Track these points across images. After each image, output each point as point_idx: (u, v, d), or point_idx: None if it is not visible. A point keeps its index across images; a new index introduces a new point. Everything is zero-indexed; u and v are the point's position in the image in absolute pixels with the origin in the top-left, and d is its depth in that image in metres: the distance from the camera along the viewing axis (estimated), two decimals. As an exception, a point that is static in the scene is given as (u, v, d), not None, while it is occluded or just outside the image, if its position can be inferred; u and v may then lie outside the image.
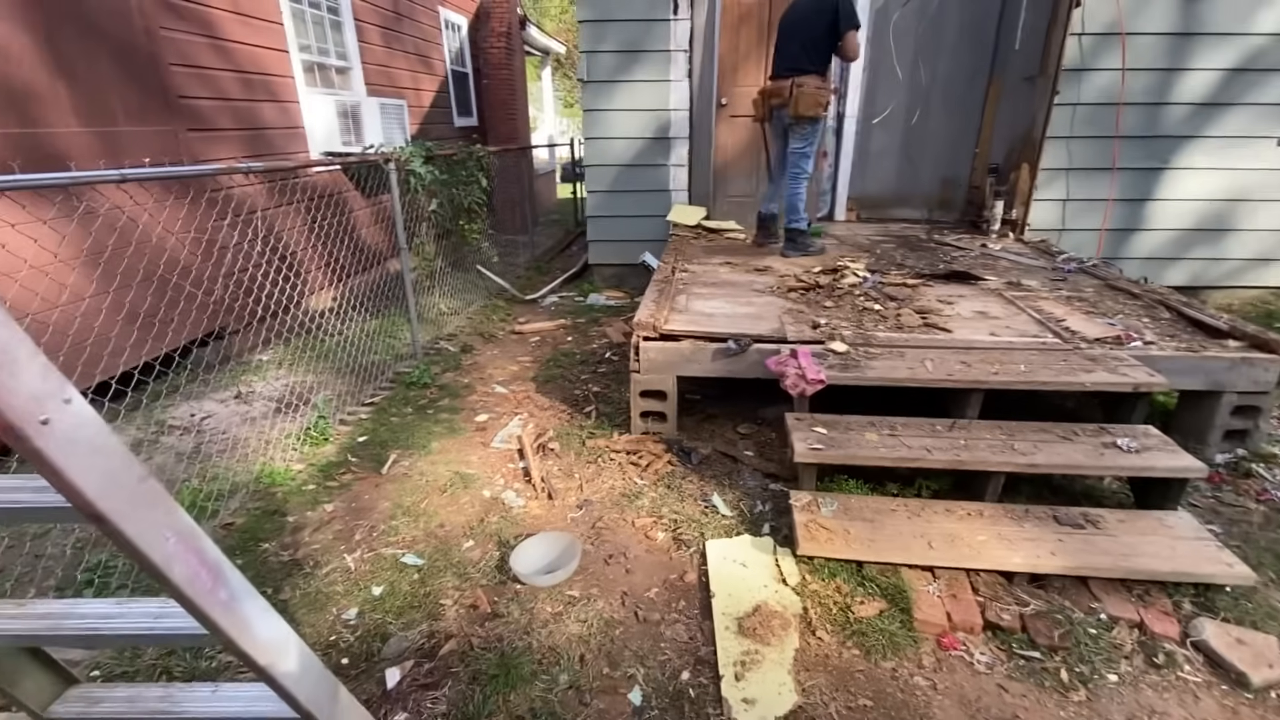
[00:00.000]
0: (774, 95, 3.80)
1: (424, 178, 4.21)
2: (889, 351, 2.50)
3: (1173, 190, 4.40)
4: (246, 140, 4.31)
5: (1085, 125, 4.29)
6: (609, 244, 5.56)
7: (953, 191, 5.27)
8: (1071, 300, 3.13)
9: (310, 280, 4.82)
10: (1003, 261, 3.92)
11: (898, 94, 4.95)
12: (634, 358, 2.73)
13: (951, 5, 4.70)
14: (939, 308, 3.01)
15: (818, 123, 3.77)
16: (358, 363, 3.69)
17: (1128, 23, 4.00)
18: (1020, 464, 2.05)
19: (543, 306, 5.38)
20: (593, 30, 4.95)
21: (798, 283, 3.33)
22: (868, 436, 2.20)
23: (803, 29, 3.61)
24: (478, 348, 4.30)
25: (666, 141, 5.18)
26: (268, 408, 3.55)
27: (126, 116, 3.50)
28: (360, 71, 5.72)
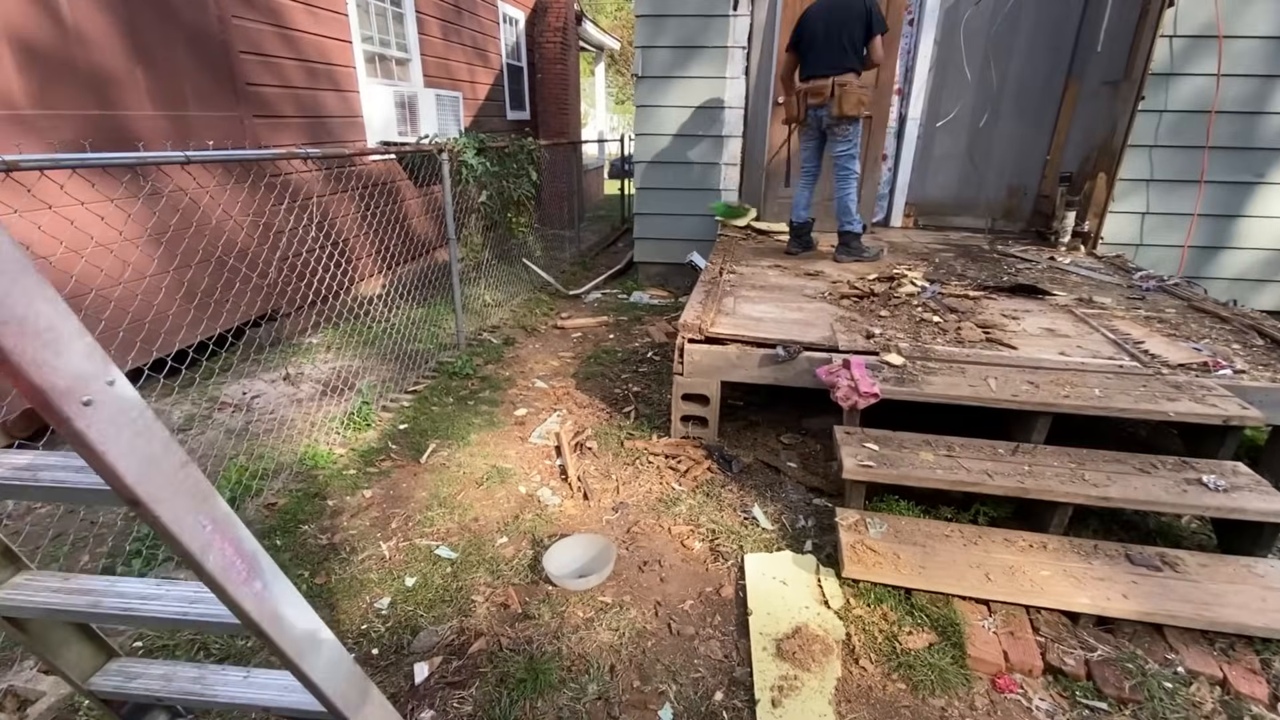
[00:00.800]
0: (813, 95, 3.70)
1: (475, 169, 4.23)
2: (948, 367, 2.37)
3: (1266, 207, 4.07)
4: (308, 128, 4.42)
5: (1171, 134, 4.00)
6: (655, 242, 5.50)
7: (1019, 200, 5.01)
8: (1151, 321, 2.92)
9: (360, 267, 4.92)
10: (1073, 276, 3.70)
11: (965, 96, 4.73)
12: (677, 359, 2.66)
13: (1029, 4, 4.46)
14: (1003, 323, 2.84)
15: (858, 123, 3.69)
16: (402, 350, 3.73)
17: (1226, 25, 3.71)
18: (1092, 496, 1.90)
19: (586, 302, 5.36)
20: (650, 25, 4.89)
21: (851, 290, 3.20)
22: (922, 456, 2.08)
23: (841, 30, 3.54)
24: (520, 341, 4.30)
25: (719, 140, 5.08)
26: (314, 390, 3.62)
27: (197, 101, 3.61)
28: (419, 63, 5.80)
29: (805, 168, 4.06)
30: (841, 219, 3.89)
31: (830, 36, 3.57)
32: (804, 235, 4.18)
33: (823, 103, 3.65)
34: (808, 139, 3.97)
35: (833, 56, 3.57)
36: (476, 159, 4.25)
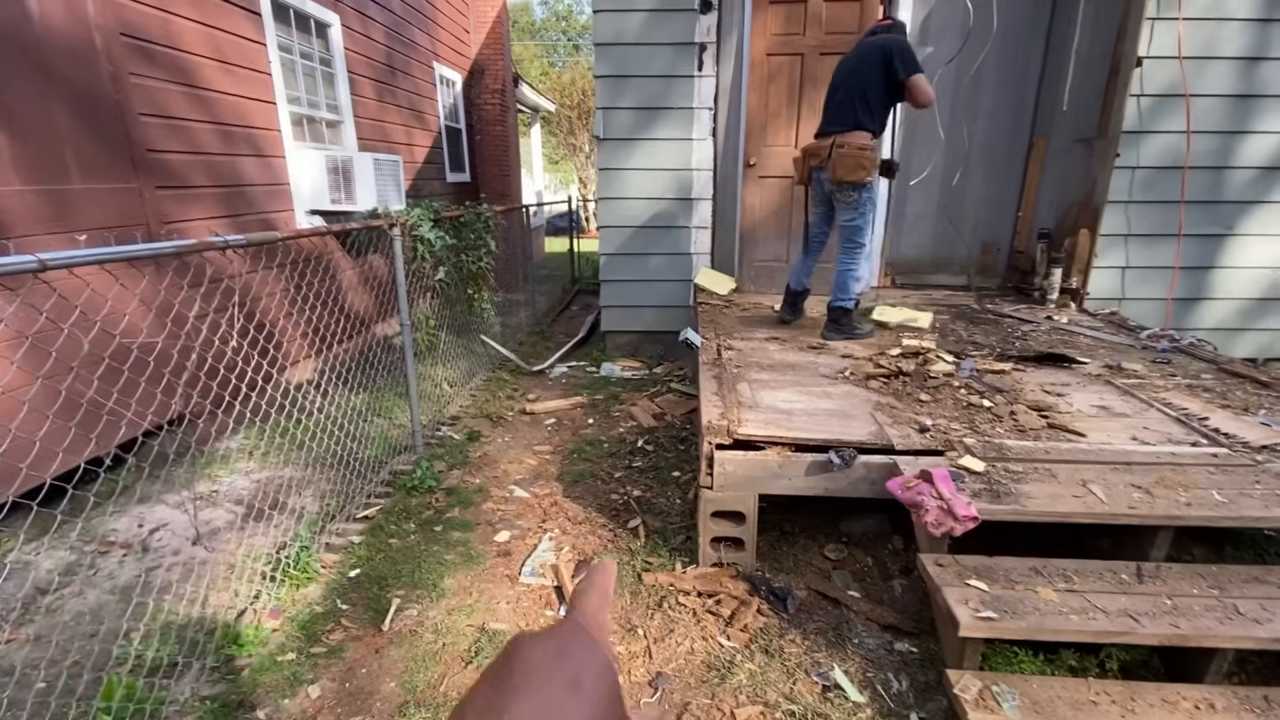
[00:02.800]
0: (813, 155, 3.34)
1: (433, 244, 3.72)
2: (1035, 470, 2.01)
3: (1240, 258, 4.11)
4: (224, 198, 3.80)
5: (1145, 189, 4.01)
6: (624, 310, 5.09)
7: (994, 256, 4.95)
8: (1196, 390, 2.70)
9: (290, 350, 4.24)
10: (1081, 338, 3.52)
11: (936, 155, 4.67)
12: (704, 471, 2.19)
13: (989, 66, 4.48)
14: (1052, 402, 2.55)
15: (864, 188, 3.24)
16: (347, 453, 3.08)
17: (1191, 84, 3.76)
18: (1261, 638, 1.54)
19: (553, 379, 4.84)
20: (611, 86, 4.62)
21: (876, 369, 2.86)
22: (1042, 594, 1.67)
23: (849, 82, 3.17)
24: (486, 434, 3.72)
25: (689, 202, 4.80)
26: (234, 515, 2.92)
27: (82, 173, 2.96)
28: (353, 125, 5.30)
29: (813, 233, 3.63)
30: (837, 293, 3.46)
31: (842, 89, 3.20)
32: (798, 303, 3.84)
33: (821, 164, 3.29)
34: (816, 204, 3.55)
35: (837, 114, 3.22)
36: (434, 232, 3.74)
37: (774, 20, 4.32)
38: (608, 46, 4.55)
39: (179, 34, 3.46)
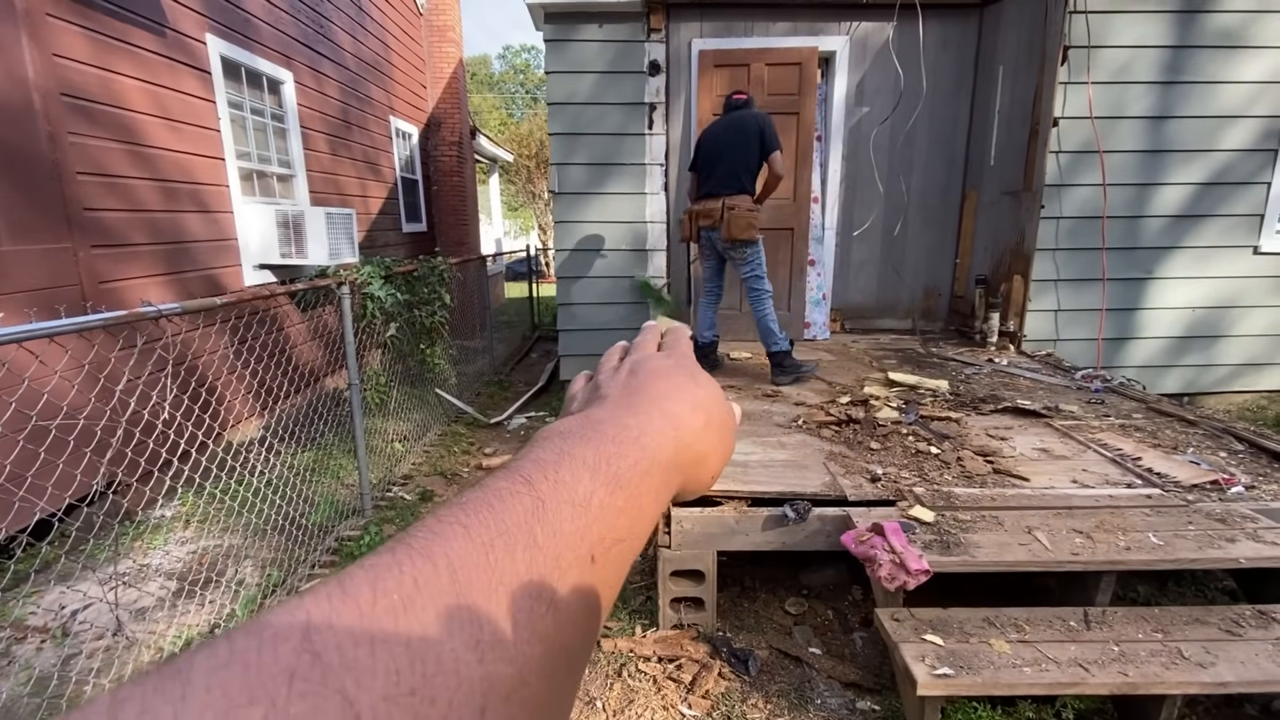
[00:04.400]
0: (704, 217, 3.55)
1: (384, 301, 3.67)
2: (982, 518, 2.05)
3: (1161, 299, 4.39)
4: (165, 256, 3.69)
5: (1070, 238, 4.27)
6: (583, 358, 5.09)
7: (935, 301, 5.16)
8: (1129, 430, 2.83)
9: (231, 409, 4.07)
10: (1021, 379, 3.67)
11: (877, 206, 4.90)
12: (663, 529, 2.16)
13: (921, 125, 4.76)
14: (997, 446, 2.63)
15: (756, 244, 3.51)
16: (290, 519, 2.93)
17: (1104, 142, 4.07)
18: (1206, 683, 1.57)
19: (510, 430, 4.76)
20: (564, 142, 4.73)
21: (827, 416, 2.91)
22: (996, 646, 1.68)
23: (734, 151, 3.45)
24: (440, 493, 3.61)
25: (644, 253, 4.89)
26: (166, 590, 2.73)
27: (10, 233, 2.84)
28: (304, 179, 5.26)
29: (707, 287, 3.86)
30: (767, 341, 3.62)
31: (725, 158, 3.47)
32: (710, 354, 3.96)
33: (714, 225, 3.50)
34: (706, 258, 3.78)
35: (723, 179, 3.47)
36: (384, 290, 3.70)
37: (719, 82, 4.52)
38: (561, 105, 4.68)
39: (122, 93, 3.41)
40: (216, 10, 4.16)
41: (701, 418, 0.33)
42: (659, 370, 0.35)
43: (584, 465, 0.26)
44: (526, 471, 0.25)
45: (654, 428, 0.30)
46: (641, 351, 0.39)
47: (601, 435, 0.28)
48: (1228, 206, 4.23)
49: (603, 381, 0.35)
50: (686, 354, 0.39)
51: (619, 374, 0.36)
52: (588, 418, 0.29)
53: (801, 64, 4.49)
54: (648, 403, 0.32)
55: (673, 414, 0.32)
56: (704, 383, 0.36)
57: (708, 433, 0.33)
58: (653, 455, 0.28)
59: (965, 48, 4.68)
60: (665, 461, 0.29)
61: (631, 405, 0.32)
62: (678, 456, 0.30)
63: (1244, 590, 2.10)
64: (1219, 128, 4.12)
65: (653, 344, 0.41)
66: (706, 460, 0.34)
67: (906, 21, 4.48)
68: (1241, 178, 4.19)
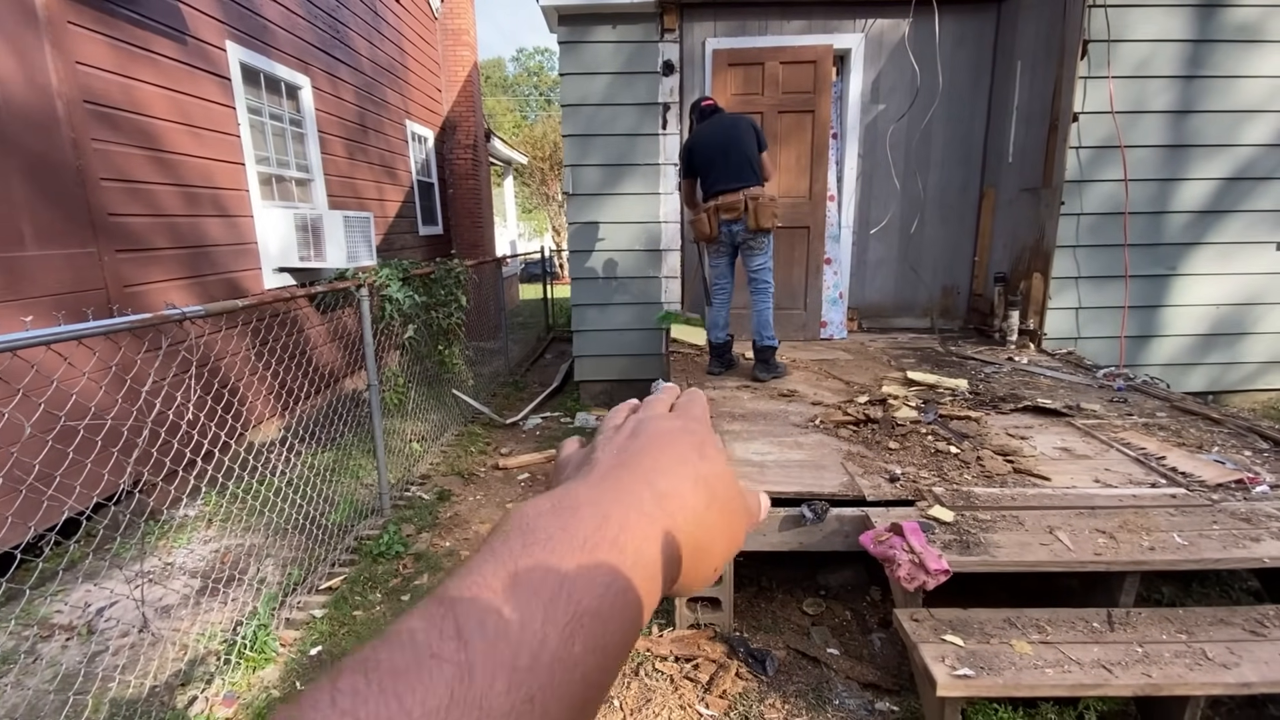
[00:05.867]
0: (726, 210, 3.55)
1: (402, 303, 3.71)
2: (1003, 517, 2.03)
3: (1184, 296, 4.31)
4: (187, 259, 3.76)
5: (1091, 234, 4.20)
6: (597, 359, 5.11)
7: (954, 299, 5.10)
8: (1153, 430, 2.79)
9: (253, 410, 4.13)
10: (1041, 378, 3.63)
11: (894, 204, 4.86)
12: (678, 529, 2.16)
13: (937, 121, 4.72)
14: (1017, 446, 2.60)
15: (771, 235, 3.61)
16: (310, 519, 2.97)
17: (1125, 137, 4.00)
18: (1229, 684, 1.55)
19: (526, 431, 4.79)
20: (578, 144, 4.75)
21: (845, 416, 2.89)
22: (1017, 648, 1.67)
23: (737, 148, 3.51)
24: (457, 493, 3.64)
25: (658, 254, 4.90)
26: (190, 589, 2.78)
27: (38, 239, 2.91)
28: (323, 183, 5.32)
29: (719, 284, 3.85)
30: (763, 333, 3.68)
31: (729, 155, 3.52)
32: (725, 354, 3.95)
33: (737, 217, 3.51)
34: (718, 255, 3.79)
35: (738, 172, 3.51)
36: (402, 292, 3.74)
37: (733, 81, 4.51)
38: (575, 107, 4.70)
39: (144, 100, 3.48)
40: (236, 17, 4.23)
41: (703, 497, 0.29)
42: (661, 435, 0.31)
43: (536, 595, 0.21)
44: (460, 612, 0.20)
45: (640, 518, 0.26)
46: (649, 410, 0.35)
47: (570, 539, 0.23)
48: (1250, 202, 4.15)
49: (600, 443, 0.32)
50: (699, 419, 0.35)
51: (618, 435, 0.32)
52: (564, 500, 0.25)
53: (816, 62, 4.47)
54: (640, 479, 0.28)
55: (668, 494, 0.28)
56: (711, 455, 0.31)
57: (709, 516, 0.29)
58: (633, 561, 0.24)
59: (982, 43, 4.62)
60: (649, 563, 0.25)
61: (619, 483, 0.27)
62: (668, 550, 0.26)
63: (1268, 590, 2.06)
64: (1241, 122, 4.04)
65: (665, 404, 0.38)
66: (707, 551, 0.29)
67: (922, 18, 4.44)
68: (1264, 173, 4.10)
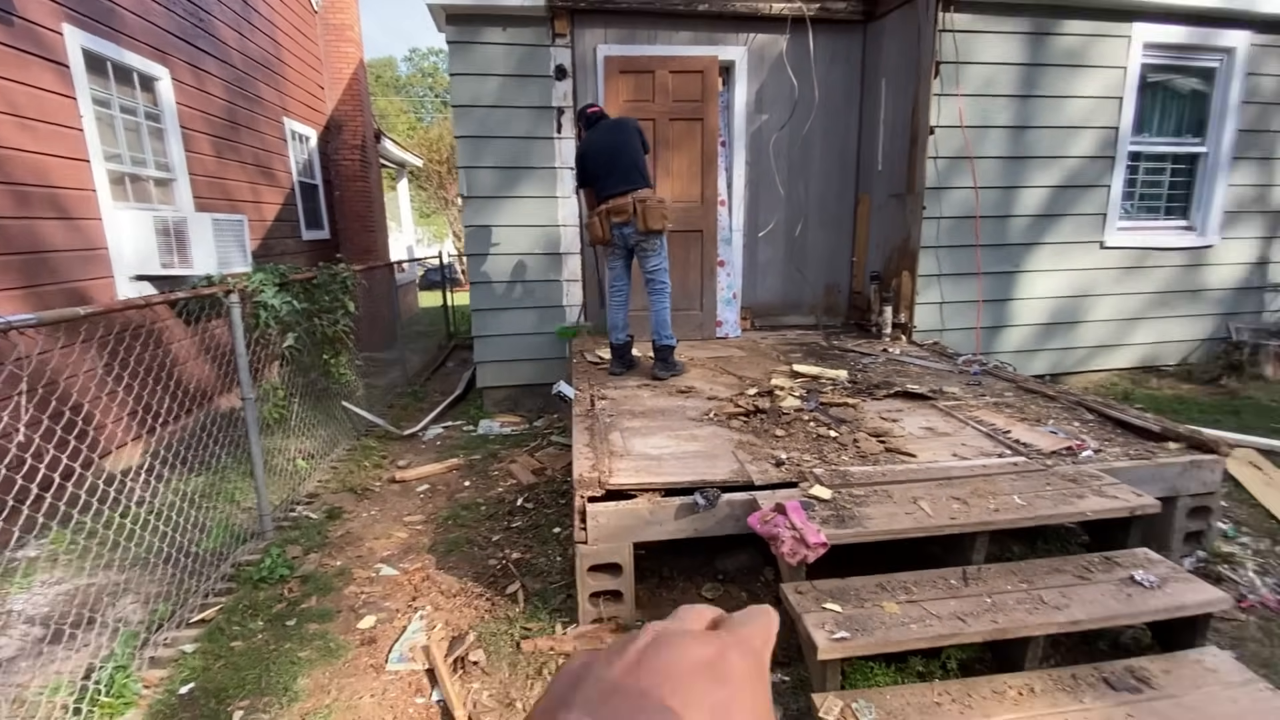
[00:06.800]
0: (616, 213, 3.66)
1: (278, 310, 3.46)
2: (874, 492, 2.21)
3: (1028, 290, 4.87)
4: (18, 267, 3.33)
5: (949, 236, 4.66)
6: (499, 364, 5.02)
7: (836, 297, 5.47)
8: (1000, 407, 3.13)
9: (109, 435, 3.72)
10: (911, 367, 3.97)
11: (779, 209, 5.14)
12: (579, 526, 2.19)
13: (816, 132, 5.05)
14: (889, 427, 2.84)
15: (663, 236, 3.74)
16: (179, 549, 2.71)
17: (972, 149, 4.48)
18: (1061, 622, 1.78)
19: (426, 441, 4.62)
20: (472, 146, 4.66)
21: (736, 408, 3.03)
22: (887, 609, 1.82)
23: (624, 152, 3.65)
24: (349, 509, 3.45)
25: (558, 257, 4.90)
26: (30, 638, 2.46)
27: None
28: (188, 184, 4.89)
29: (615, 286, 3.94)
30: (661, 333, 3.81)
31: (619, 159, 3.65)
32: (626, 355, 4.03)
33: (627, 220, 3.63)
34: (614, 258, 3.88)
35: (625, 176, 3.63)
36: (279, 298, 3.49)
37: (625, 87, 4.61)
38: (467, 109, 4.61)
39: (-41, 87, 3.05)
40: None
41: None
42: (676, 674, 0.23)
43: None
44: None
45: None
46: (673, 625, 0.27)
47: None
48: (1078, 207, 4.77)
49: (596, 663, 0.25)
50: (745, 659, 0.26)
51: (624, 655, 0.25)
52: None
53: (703, 72, 4.65)
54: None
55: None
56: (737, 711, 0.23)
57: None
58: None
59: (852, 61, 5.00)
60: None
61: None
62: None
63: (1094, 540, 2.39)
64: (1068, 137, 4.63)
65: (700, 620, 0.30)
66: None
67: (798, 35, 4.74)
68: (1088, 181, 4.73)
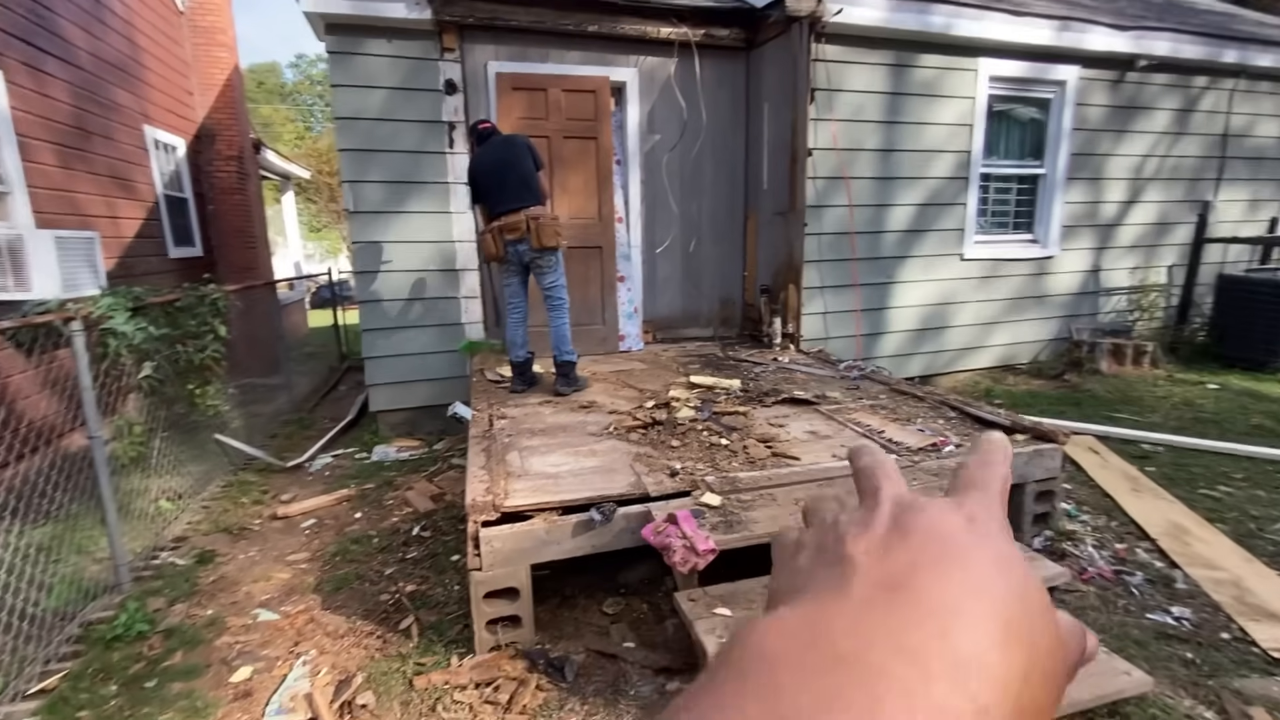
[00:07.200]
0: (509, 230, 3.64)
1: (131, 337, 3.14)
2: (760, 496, 2.33)
3: (901, 299, 5.30)
4: None
5: (829, 250, 5.00)
6: (394, 386, 4.82)
7: (731, 310, 5.70)
8: (876, 409, 3.38)
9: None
10: (798, 374, 4.20)
11: (674, 226, 5.30)
12: (472, 552, 2.14)
13: (706, 152, 5.27)
14: (776, 433, 2.99)
15: (559, 251, 3.75)
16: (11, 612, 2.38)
17: (846, 170, 4.84)
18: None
19: (314, 472, 4.34)
20: (356, 160, 4.48)
21: (634, 421, 3.09)
22: (773, 607, 1.92)
23: (514, 169, 3.64)
24: (223, 552, 3.18)
25: (455, 274, 4.79)
26: None
27: None
28: (26, 197, 4.35)
29: (512, 303, 3.92)
30: (562, 349, 3.81)
31: (509, 176, 3.63)
32: (527, 372, 3.99)
33: (520, 237, 3.61)
34: (510, 275, 3.86)
35: (517, 194, 3.62)
36: (131, 324, 3.16)
37: (518, 105, 4.60)
38: (350, 121, 4.43)
39: None
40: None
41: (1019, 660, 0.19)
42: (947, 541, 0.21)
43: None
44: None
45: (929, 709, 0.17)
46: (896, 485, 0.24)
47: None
48: (940, 223, 5.27)
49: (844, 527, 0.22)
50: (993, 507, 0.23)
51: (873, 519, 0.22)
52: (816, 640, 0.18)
53: (596, 92, 4.74)
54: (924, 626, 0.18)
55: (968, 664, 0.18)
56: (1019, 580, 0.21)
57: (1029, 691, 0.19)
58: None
59: (737, 85, 5.27)
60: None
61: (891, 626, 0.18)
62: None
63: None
64: (929, 160, 5.12)
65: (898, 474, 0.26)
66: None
67: (686, 59, 4.94)
68: (947, 199, 5.24)
